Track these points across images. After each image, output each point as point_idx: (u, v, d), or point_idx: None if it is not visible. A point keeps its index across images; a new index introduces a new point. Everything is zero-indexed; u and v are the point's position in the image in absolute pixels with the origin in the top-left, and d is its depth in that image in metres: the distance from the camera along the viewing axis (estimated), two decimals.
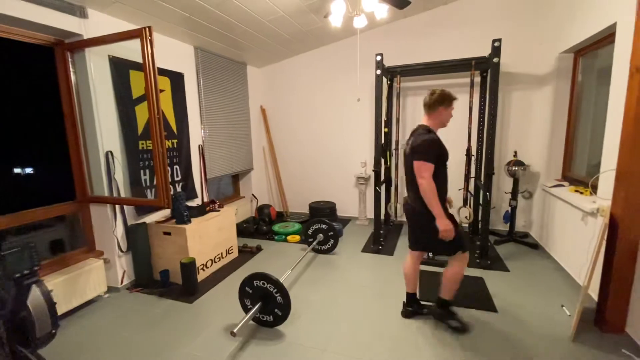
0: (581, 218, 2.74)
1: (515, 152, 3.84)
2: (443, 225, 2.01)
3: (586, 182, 2.92)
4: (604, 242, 2.16)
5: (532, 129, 3.93)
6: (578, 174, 3.35)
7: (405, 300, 2.48)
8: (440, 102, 2.12)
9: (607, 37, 2.72)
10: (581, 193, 2.89)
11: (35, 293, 1.42)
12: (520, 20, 3.78)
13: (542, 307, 2.50)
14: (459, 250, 2.16)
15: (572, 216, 2.91)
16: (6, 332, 1.36)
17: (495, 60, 3.02)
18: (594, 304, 2.32)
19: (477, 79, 3.85)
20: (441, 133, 2.26)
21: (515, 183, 3.73)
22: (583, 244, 2.67)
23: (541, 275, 3.02)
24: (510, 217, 3.85)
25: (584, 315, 2.24)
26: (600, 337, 2.14)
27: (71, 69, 2.66)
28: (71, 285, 2.52)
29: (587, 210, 2.57)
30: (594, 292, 2.39)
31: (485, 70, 3.69)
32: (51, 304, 1.46)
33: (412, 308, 2.44)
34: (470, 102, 3.73)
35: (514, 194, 3.74)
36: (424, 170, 2.02)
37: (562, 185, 3.33)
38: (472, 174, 3.99)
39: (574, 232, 2.91)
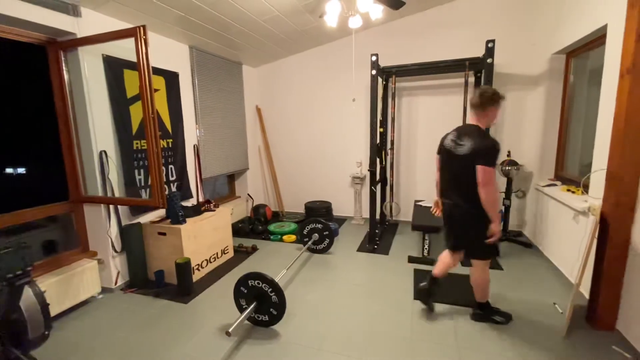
0: (573, 217, 2.78)
1: (509, 152, 3.88)
2: (498, 231, 2.04)
3: (578, 182, 2.96)
4: (595, 241, 2.19)
5: (525, 129, 3.98)
6: (570, 174, 3.39)
7: (427, 282, 2.43)
8: (492, 102, 2.06)
9: (598, 39, 2.76)
10: (573, 192, 2.93)
11: (28, 294, 1.41)
12: (514, 21, 3.82)
13: (535, 305, 2.53)
14: (494, 255, 2.22)
15: (564, 215, 2.95)
16: None
17: (489, 60, 3.05)
18: (586, 302, 2.36)
19: (471, 79, 3.89)
20: (434, 132, 2.29)
21: (509, 182, 3.77)
22: (575, 242, 2.71)
23: (534, 273, 3.06)
24: (503, 217, 3.88)
25: (576, 312, 2.28)
26: (592, 334, 2.17)
27: (64, 68, 2.63)
28: (64, 286, 2.50)
29: (579, 209, 2.60)
30: (585, 290, 2.42)
31: (479, 70, 3.72)
32: (44, 305, 1.45)
33: (429, 287, 2.42)
34: (465, 101, 3.76)
35: (508, 193, 3.78)
36: (491, 177, 1.96)
37: (555, 185, 3.37)
38: None
39: (566, 231, 2.95)
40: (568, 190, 3.02)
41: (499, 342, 2.13)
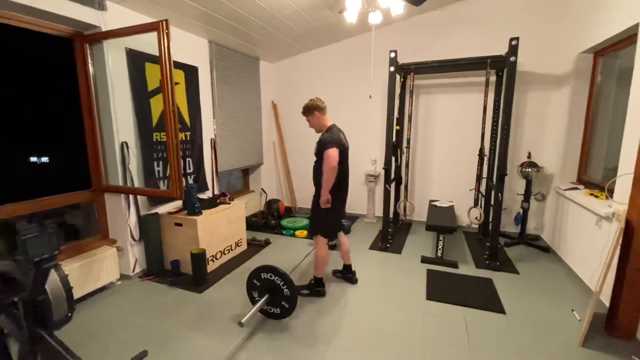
0: (595, 222, 2.69)
1: (529, 153, 3.78)
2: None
3: (602, 186, 2.86)
4: (618, 248, 2.12)
5: (547, 130, 3.86)
6: (594, 178, 3.28)
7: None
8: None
9: (628, 38, 2.65)
10: (596, 197, 2.83)
11: (53, 277, 1.47)
12: (539, 19, 3.70)
13: (551, 311, 2.47)
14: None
15: (586, 220, 2.86)
16: (25, 314, 1.42)
17: (512, 59, 2.96)
18: (605, 310, 2.29)
19: (493, 78, 3.79)
20: (453, 131, 2.25)
21: (528, 185, 3.67)
22: (596, 248, 2.62)
23: (552, 278, 2.98)
24: (521, 219, 3.79)
25: (595, 320, 2.21)
26: (610, 343, 2.11)
27: (89, 61, 2.71)
28: (85, 271, 2.60)
29: (602, 214, 2.52)
30: (605, 298, 2.34)
31: (501, 69, 3.62)
32: (68, 289, 1.51)
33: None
34: (485, 101, 3.67)
35: (527, 195, 3.69)
36: None
37: (577, 189, 3.26)
38: (484, 174, 3.94)
39: (587, 237, 2.86)
40: (591, 194, 2.92)
41: (511, 346, 2.10)
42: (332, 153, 2.43)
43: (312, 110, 2.63)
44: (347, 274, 2.97)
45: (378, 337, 2.20)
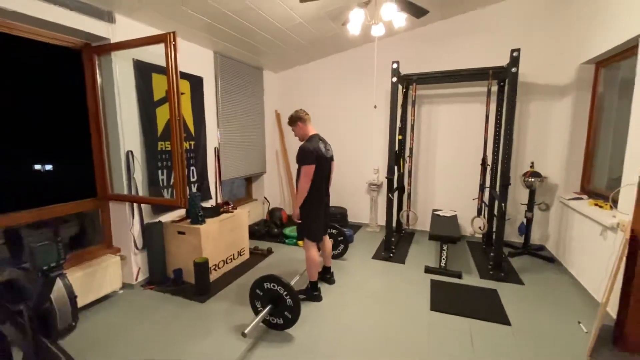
0: (600, 233, 2.67)
1: (532, 163, 3.78)
2: None
3: (606, 196, 2.85)
4: (624, 258, 2.10)
5: (550, 140, 3.87)
6: (598, 188, 3.27)
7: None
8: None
9: (630, 49, 2.68)
10: (601, 207, 2.82)
11: (58, 286, 1.48)
12: (540, 30, 3.74)
13: (557, 323, 2.44)
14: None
15: (590, 230, 2.84)
16: (30, 322, 1.42)
17: (513, 70, 2.99)
18: (613, 322, 2.25)
19: (494, 88, 3.82)
20: (455, 141, 2.26)
21: (532, 194, 3.66)
22: (602, 259, 2.60)
23: (557, 289, 2.95)
24: (525, 229, 3.77)
25: (602, 332, 2.18)
26: (618, 356, 2.07)
27: (97, 72, 2.76)
28: (88, 280, 2.60)
29: (607, 224, 2.50)
30: (612, 310, 2.32)
31: (503, 79, 3.66)
32: (72, 297, 1.52)
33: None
34: (487, 111, 3.70)
35: (530, 205, 3.67)
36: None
37: (581, 199, 3.25)
38: (487, 184, 3.94)
39: (592, 247, 2.84)
40: (595, 204, 2.91)
41: (517, 358, 2.07)
42: (307, 170, 2.52)
43: (295, 121, 2.74)
44: (324, 275, 3.07)
45: (382, 348, 2.18)
